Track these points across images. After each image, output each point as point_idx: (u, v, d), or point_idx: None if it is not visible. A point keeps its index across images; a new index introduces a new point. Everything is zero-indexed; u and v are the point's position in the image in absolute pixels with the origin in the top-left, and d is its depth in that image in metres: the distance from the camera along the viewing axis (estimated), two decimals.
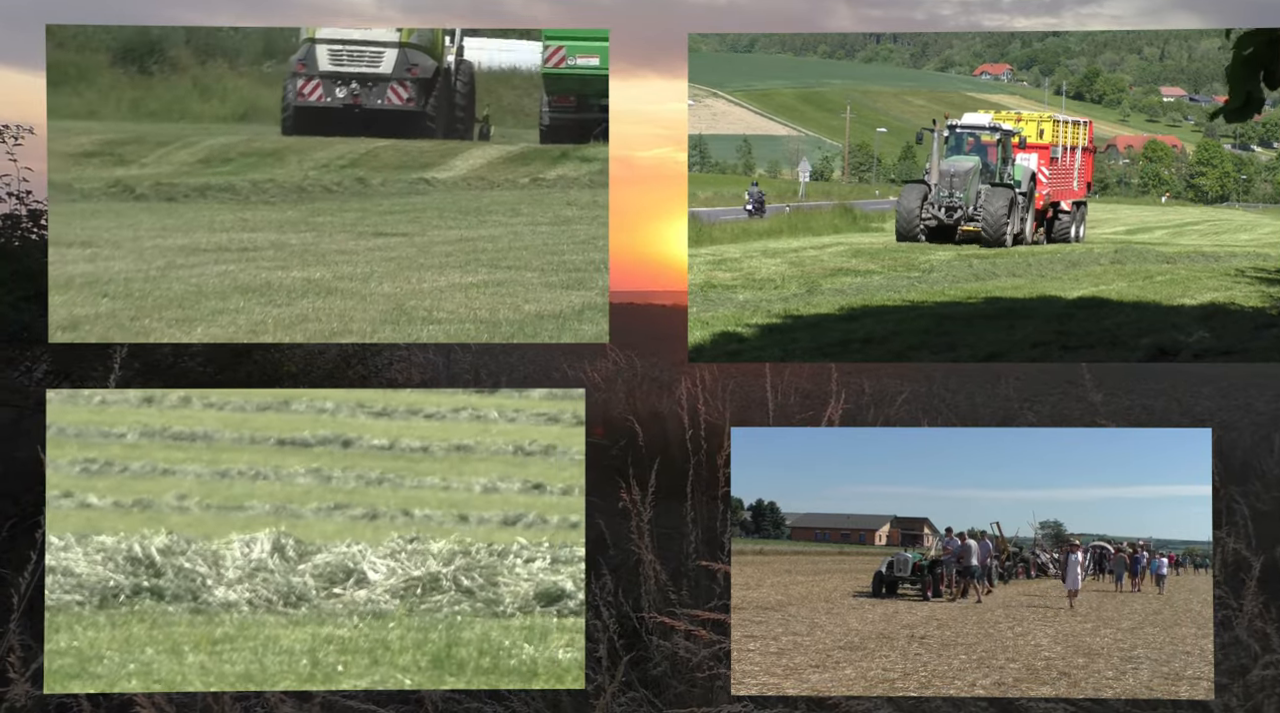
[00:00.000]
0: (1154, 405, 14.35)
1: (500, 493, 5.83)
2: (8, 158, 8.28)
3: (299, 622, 4.39)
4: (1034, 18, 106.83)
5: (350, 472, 5.99)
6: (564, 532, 5.15)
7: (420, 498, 5.70)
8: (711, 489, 5.63)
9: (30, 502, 5.55)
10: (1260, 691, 4.26)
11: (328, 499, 5.58)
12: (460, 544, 4.79)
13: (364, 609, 4.47)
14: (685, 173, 5.23)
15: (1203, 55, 13.61)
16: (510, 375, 14.11)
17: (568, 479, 4.77)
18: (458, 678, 4.10)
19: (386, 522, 5.36)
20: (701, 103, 12.67)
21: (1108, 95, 13.84)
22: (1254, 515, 6.14)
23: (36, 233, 8.20)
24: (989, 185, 9.98)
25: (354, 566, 4.64)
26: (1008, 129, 10.55)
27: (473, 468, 6.18)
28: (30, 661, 4.14)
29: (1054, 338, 5.95)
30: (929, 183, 10.02)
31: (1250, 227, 10.87)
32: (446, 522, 5.37)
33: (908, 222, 9.70)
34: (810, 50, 14.66)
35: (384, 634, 4.31)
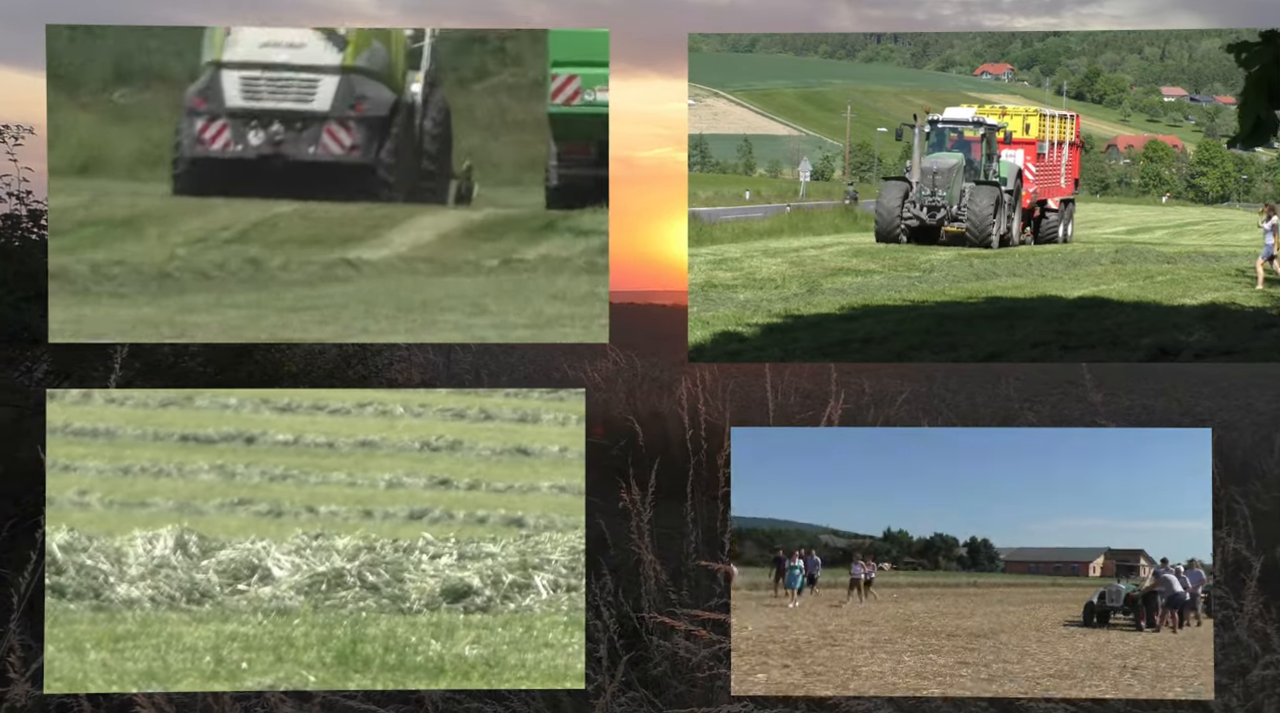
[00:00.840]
0: (1154, 405, 14.35)
1: (405, 488, 5.79)
2: (8, 158, 8.30)
3: (202, 619, 4.35)
4: (1034, 17, 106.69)
5: (254, 468, 5.89)
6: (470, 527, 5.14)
7: (325, 494, 5.63)
8: (711, 489, 5.63)
9: (30, 502, 5.54)
10: (1260, 691, 4.26)
11: (231, 495, 5.51)
12: (365, 540, 4.75)
13: (268, 606, 4.42)
14: (685, 173, 5.23)
15: (1203, 55, 13.60)
16: (510, 375, 14.11)
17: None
18: (363, 675, 4.06)
19: (291, 518, 5.28)
20: (702, 102, 12.64)
21: (1109, 95, 13.83)
22: (1254, 515, 6.14)
23: (36, 233, 8.20)
24: (973, 183, 9.53)
25: (258, 562, 4.60)
26: (992, 124, 10.06)
27: (378, 464, 6.10)
28: (30, 661, 4.14)
29: (1054, 338, 5.96)
30: (910, 181, 9.52)
31: (1251, 227, 10.86)
32: (351, 518, 5.32)
33: (888, 221, 9.20)
34: (811, 50, 14.63)
35: (289, 631, 4.27)
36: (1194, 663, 4.30)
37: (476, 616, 4.40)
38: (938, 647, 4.37)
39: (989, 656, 4.30)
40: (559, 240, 6.69)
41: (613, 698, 4.18)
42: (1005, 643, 4.46)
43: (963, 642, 4.43)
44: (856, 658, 4.28)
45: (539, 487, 5.57)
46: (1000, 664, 4.25)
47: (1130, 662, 4.32)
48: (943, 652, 4.33)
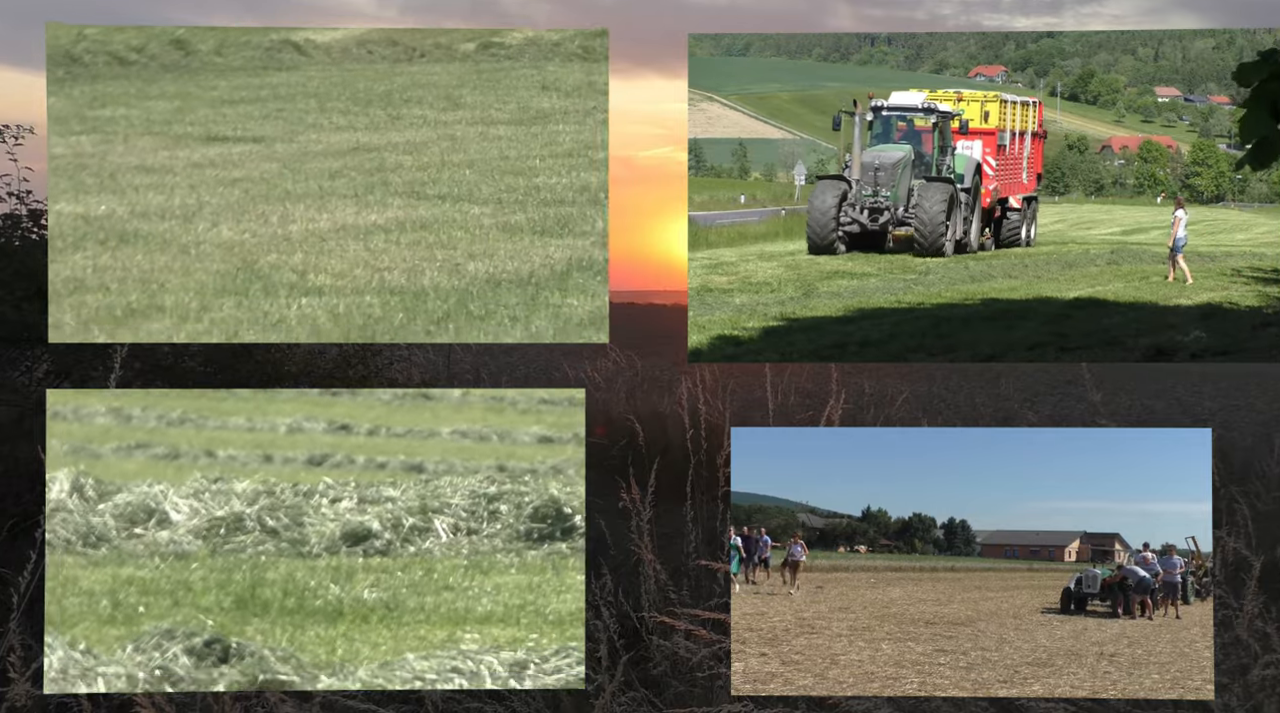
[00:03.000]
0: (1154, 405, 14.38)
1: (305, 433, 5.70)
2: (8, 158, 8.30)
3: (99, 563, 4.30)
4: (1034, 17, 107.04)
5: (151, 411, 5.75)
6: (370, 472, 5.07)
7: (223, 438, 5.50)
8: (711, 489, 5.64)
9: (30, 502, 5.54)
10: (1260, 691, 4.27)
11: (128, 439, 5.41)
12: (264, 484, 4.68)
13: (166, 550, 4.37)
14: (685, 173, 5.21)
15: (1197, 55, 13.63)
16: (511, 375, 14.12)
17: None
18: (262, 619, 3.98)
19: (189, 461, 5.19)
20: (697, 106, 12.64)
21: (1103, 96, 13.86)
22: (1254, 516, 6.15)
23: (36, 233, 8.20)
24: (923, 180, 8.35)
25: (155, 506, 4.53)
26: (946, 111, 8.68)
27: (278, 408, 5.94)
28: (30, 660, 4.13)
29: (1051, 339, 5.97)
30: (849, 179, 8.32)
31: (1246, 226, 10.88)
32: (251, 462, 5.22)
33: (821, 227, 7.81)
34: (806, 53, 14.67)
35: (186, 575, 4.21)
36: (1170, 650, 4.30)
37: (376, 559, 4.35)
38: (916, 634, 4.34)
39: (967, 643, 4.28)
40: None
41: (612, 698, 4.18)
42: (983, 631, 4.44)
43: (941, 629, 4.40)
44: (835, 647, 4.27)
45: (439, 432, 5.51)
46: (979, 653, 4.24)
47: (1107, 649, 4.32)
48: (921, 640, 4.29)
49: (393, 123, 5.12)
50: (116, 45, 5.09)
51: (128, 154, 4.98)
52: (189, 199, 4.58)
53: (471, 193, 4.55)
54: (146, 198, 4.53)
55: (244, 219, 4.35)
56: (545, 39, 5.24)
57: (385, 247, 4.11)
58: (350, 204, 4.55)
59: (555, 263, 4.25)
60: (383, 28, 5.89)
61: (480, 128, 5.04)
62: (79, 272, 4.25)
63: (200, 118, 5.02)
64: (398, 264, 4.00)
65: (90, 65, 4.94)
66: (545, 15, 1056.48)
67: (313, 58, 5.45)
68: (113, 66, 5.13)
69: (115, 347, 5.21)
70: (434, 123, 5.11)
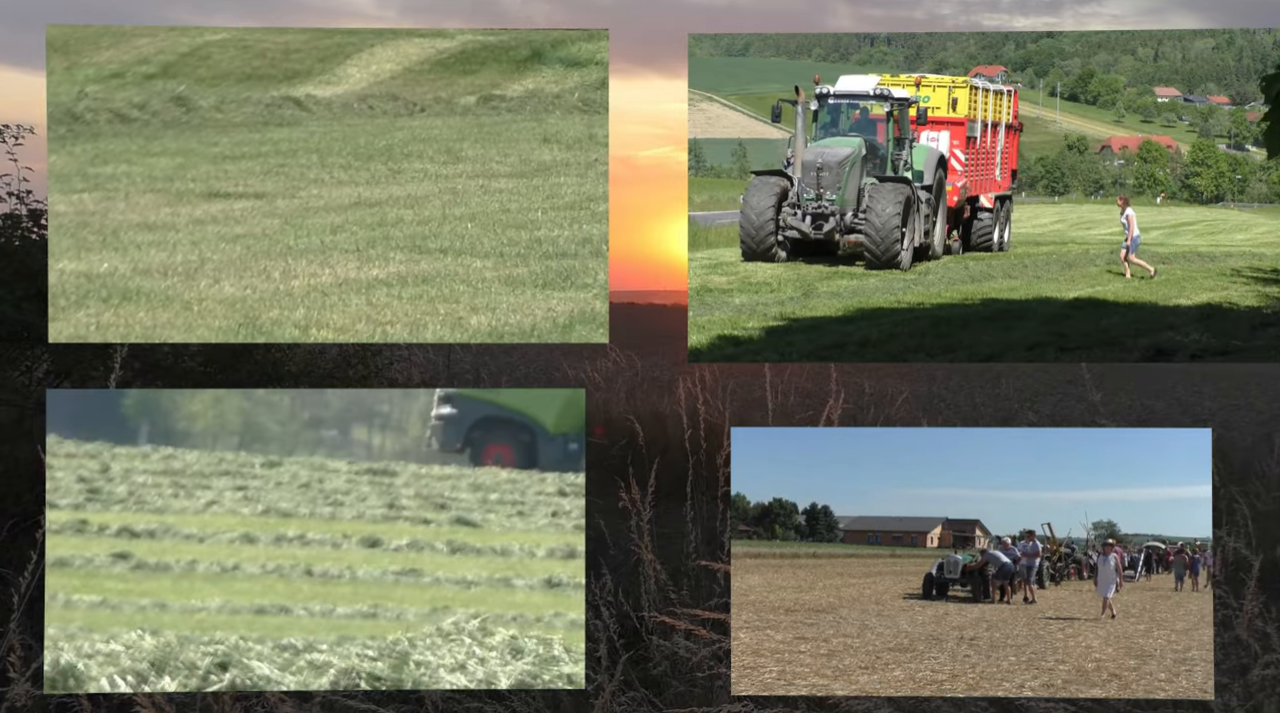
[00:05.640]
0: (1154, 405, 14.38)
1: None
2: (8, 158, 8.29)
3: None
4: (1033, 17, 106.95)
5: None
6: None
7: None
8: (711, 489, 5.64)
9: (30, 502, 5.54)
10: (1260, 691, 4.27)
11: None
12: None
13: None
14: (685, 173, 5.19)
15: (1197, 55, 13.63)
16: (511, 375, 14.12)
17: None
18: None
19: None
20: (697, 106, 12.62)
21: (1102, 96, 13.85)
22: (1254, 516, 6.15)
23: (36, 233, 8.20)
24: (875, 179, 7.24)
25: None
26: (903, 97, 7.44)
27: None
28: (30, 660, 4.14)
29: (1051, 339, 5.97)
30: (790, 176, 7.35)
31: (1246, 226, 10.88)
32: None
33: (756, 230, 6.95)
34: (805, 54, 14.66)
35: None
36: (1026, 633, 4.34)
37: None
38: (775, 623, 4.27)
39: (828, 630, 4.27)
40: (548, 73, 5.50)
41: (612, 698, 4.18)
42: (845, 617, 4.44)
43: (802, 617, 4.38)
44: None
45: None
46: (840, 639, 4.23)
47: (967, 633, 4.36)
48: (780, 628, 4.24)
49: (394, 177, 5.12)
50: (118, 102, 5.20)
51: (129, 211, 4.95)
52: (191, 256, 4.54)
53: (473, 246, 4.53)
54: (149, 255, 4.54)
55: (246, 275, 4.32)
56: (546, 91, 5.35)
57: (387, 301, 4.09)
58: (352, 259, 4.51)
59: (558, 316, 4.20)
60: (383, 83, 5.80)
61: (481, 181, 5.05)
62: (82, 330, 4.19)
63: (202, 174, 5.04)
64: (400, 318, 3.97)
65: (92, 123, 5.07)
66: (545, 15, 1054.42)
67: (313, 113, 5.60)
68: (114, 124, 5.22)
69: (115, 347, 5.22)
70: (435, 176, 5.11)
